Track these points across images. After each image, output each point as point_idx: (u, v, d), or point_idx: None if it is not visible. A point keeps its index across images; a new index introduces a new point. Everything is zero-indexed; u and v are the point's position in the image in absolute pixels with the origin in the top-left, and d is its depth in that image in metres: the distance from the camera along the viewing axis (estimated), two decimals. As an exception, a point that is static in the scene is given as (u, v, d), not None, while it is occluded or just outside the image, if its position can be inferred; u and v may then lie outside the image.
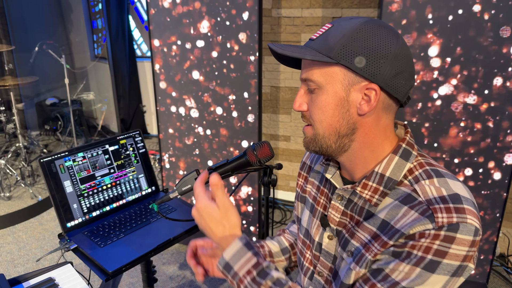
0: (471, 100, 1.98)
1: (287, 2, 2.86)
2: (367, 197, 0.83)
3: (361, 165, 0.86)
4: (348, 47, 0.76)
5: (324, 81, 0.80)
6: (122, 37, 4.49)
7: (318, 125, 0.83)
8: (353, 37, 0.76)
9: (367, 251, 0.80)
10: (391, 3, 1.94)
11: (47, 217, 3.32)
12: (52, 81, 4.75)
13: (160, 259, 2.73)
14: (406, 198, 0.78)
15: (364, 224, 0.83)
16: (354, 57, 0.76)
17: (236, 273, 0.83)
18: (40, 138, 4.76)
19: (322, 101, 0.81)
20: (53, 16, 4.83)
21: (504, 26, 1.83)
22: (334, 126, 0.82)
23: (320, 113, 0.82)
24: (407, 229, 0.73)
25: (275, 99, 3.17)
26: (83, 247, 1.34)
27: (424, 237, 0.71)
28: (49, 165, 1.40)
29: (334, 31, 0.79)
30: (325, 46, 0.78)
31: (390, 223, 0.78)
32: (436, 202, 0.73)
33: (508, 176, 2.03)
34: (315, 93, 0.82)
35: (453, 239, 0.70)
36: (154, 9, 2.42)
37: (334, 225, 0.91)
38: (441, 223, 0.70)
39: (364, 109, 0.79)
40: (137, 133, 1.67)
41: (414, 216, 0.74)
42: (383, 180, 0.82)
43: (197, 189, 0.88)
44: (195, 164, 2.68)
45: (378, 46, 0.76)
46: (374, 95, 0.77)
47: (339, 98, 0.79)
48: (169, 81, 2.54)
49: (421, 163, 0.82)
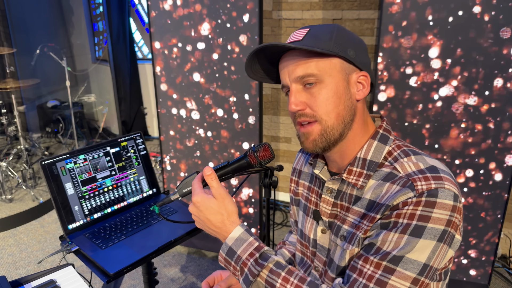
0: (471, 101, 1.98)
1: (287, 4, 2.87)
2: (352, 181, 0.88)
3: (349, 154, 0.90)
4: (340, 41, 0.83)
5: (325, 73, 0.83)
6: (123, 40, 4.50)
7: (326, 117, 0.85)
8: (338, 34, 0.84)
9: (357, 229, 0.84)
10: (392, 5, 1.94)
11: (48, 219, 3.32)
12: (54, 84, 4.76)
13: (162, 261, 2.73)
14: (387, 176, 0.83)
15: (352, 208, 0.87)
16: (346, 49, 0.84)
17: (240, 256, 0.85)
18: (42, 141, 4.77)
19: (328, 93, 0.84)
20: (54, 18, 4.84)
21: (504, 27, 1.83)
22: (342, 114, 0.85)
23: (328, 105, 0.84)
24: (390, 200, 0.78)
25: (275, 101, 3.17)
26: (85, 249, 1.34)
27: (407, 205, 0.75)
28: (50, 167, 1.40)
29: (317, 31, 0.85)
30: (320, 42, 0.83)
31: (376, 201, 0.83)
32: (414, 174, 0.79)
33: (509, 177, 2.03)
34: (315, 87, 0.84)
35: (434, 203, 0.74)
36: (155, 11, 2.42)
37: (326, 217, 0.94)
38: (420, 190, 0.75)
39: (362, 94, 0.86)
40: (138, 135, 1.67)
41: (396, 189, 0.79)
42: (366, 163, 0.87)
43: (194, 185, 0.91)
44: (196, 166, 2.68)
45: (357, 41, 0.87)
46: (367, 80, 0.86)
47: (343, 87, 0.85)
48: (170, 83, 2.55)
49: (398, 145, 0.88)
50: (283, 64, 0.88)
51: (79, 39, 4.97)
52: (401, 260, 0.75)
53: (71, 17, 4.92)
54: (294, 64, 0.85)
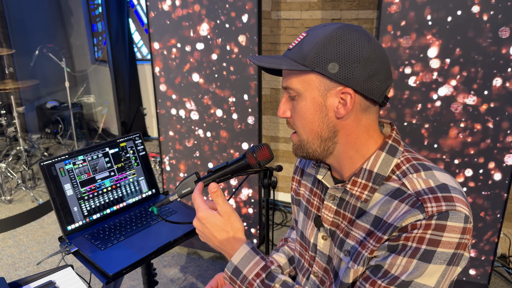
0: (470, 101, 1.98)
1: (286, 4, 2.87)
2: (356, 193, 0.85)
3: (348, 165, 0.88)
4: (321, 54, 0.78)
5: (302, 88, 0.82)
6: (122, 40, 4.50)
7: (301, 131, 0.86)
8: (325, 44, 0.78)
9: (363, 248, 0.82)
10: (390, 5, 1.94)
11: (48, 220, 3.32)
12: (53, 85, 4.76)
13: (161, 262, 2.73)
14: (395, 192, 0.80)
15: (357, 222, 0.85)
16: (327, 64, 0.78)
17: (246, 276, 0.84)
18: (41, 142, 4.76)
19: (302, 108, 0.84)
20: (53, 19, 4.84)
21: (503, 27, 1.83)
22: (316, 130, 0.84)
23: (302, 119, 0.85)
24: (399, 221, 0.75)
25: (275, 101, 3.17)
26: (84, 250, 1.34)
27: (416, 228, 0.73)
28: (49, 168, 1.40)
29: (308, 39, 0.82)
30: (300, 54, 0.81)
31: (383, 219, 0.80)
32: (424, 193, 0.76)
33: (509, 176, 2.03)
34: (295, 100, 0.85)
35: (444, 227, 0.71)
36: (154, 12, 2.42)
37: (328, 225, 0.92)
38: (431, 212, 0.72)
39: (341, 113, 0.81)
40: (137, 136, 1.67)
41: (405, 209, 0.76)
42: (372, 176, 0.84)
43: (197, 200, 0.90)
44: (196, 166, 2.68)
45: (349, 51, 0.78)
46: (350, 98, 0.79)
47: (317, 103, 0.82)
48: (169, 83, 2.55)
49: (407, 158, 0.84)
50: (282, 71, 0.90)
51: (78, 40, 4.97)
52: (410, 285, 0.73)
53: (70, 18, 4.92)
54: (283, 74, 0.87)
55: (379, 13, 2.01)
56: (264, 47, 3.02)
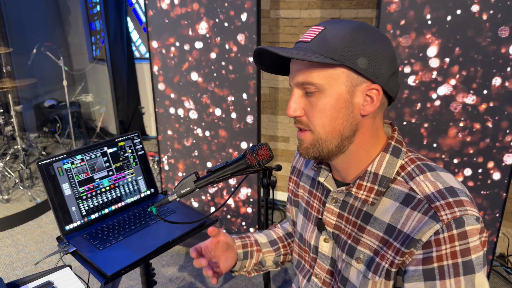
0: (470, 100, 1.97)
1: (285, 3, 2.86)
2: (363, 197, 0.84)
3: (355, 166, 0.86)
4: (351, 48, 0.76)
5: (327, 83, 0.78)
6: (121, 39, 4.48)
7: (320, 129, 0.81)
8: (353, 38, 0.76)
9: (382, 259, 0.80)
10: (390, 4, 1.93)
11: (46, 220, 3.30)
12: (51, 83, 4.74)
13: (160, 261, 2.72)
14: (406, 198, 0.79)
15: (368, 229, 0.83)
16: (357, 58, 0.76)
17: None
18: (39, 140, 4.75)
19: (325, 104, 0.79)
20: (51, 18, 4.82)
21: (503, 26, 1.83)
22: (338, 129, 0.80)
23: (323, 117, 0.80)
24: (416, 233, 0.74)
25: (274, 100, 3.17)
26: (82, 250, 1.33)
27: (441, 244, 0.72)
28: (47, 167, 1.39)
29: (331, 32, 0.78)
30: (327, 47, 0.76)
31: (397, 227, 0.78)
32: (435, 198, 0.75)
33: (508, 176, 2.03)
34: (314, 97, 0.80)
35: (465, 233, 0.71)
36: (153, 10, 2.41)
37: (331, 228, 0.91)
38: (446, 220, 0.72)
39: (368, 110, 0.79)
40: (136, 135, 1.66)
41: (418, 217, 0.75)
42: (377, 178, 0.82)
43: None
44: (194, 166, 2.67)
45: (376, 48, 0.77)
46: (377, 95, 0.79)
47: (344, 100, 0.78)
48: (168, 82, 2.54)
49: (411, 159, 0.84)
50: (291, 66, 0.83)
51: (76, 38, 4.95)
52: None
53: (68, 16, 4.90)
54: (296, 69, 0.81)
55: (378, 12, 2.01)
56: (263, 46, 3.01)
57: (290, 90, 3.09)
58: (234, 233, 2.77)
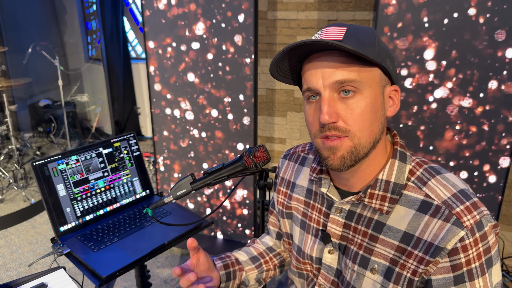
0: (466, 103, 1.98)
1: (282, 4, 2.86)
2: (376, 206, 0.81)
3: (368, 174, 0.83)
4: (380, 48, 0.75)
5: (366, 83, 0.74)
6: (117, 39, 4.47)
7: (359, 133, 0.75)
8: (378, 39, 0.76)
9: (402, 268, 0.78)
10: (387, 6, 1.94)
11: (40, 220, 3.28)
12: (46, 83, 4.71)
13: (155, 263, 2.71)
14: (422, 206, 0.78)
15: (382, 238, 0.81)
16: (385, 59, 0.75)
17: None
18: (33, 140, 4.71)
19: (367, 106, 0.74)
20: (46, 17, 4.79)
21: (499, 30, 1.84)
22: (375, 132, 0.77)
23: (363, 120, 0.74)
24: (441, 242, 0.74)
25: (270, 102, 3.16)
26: (76, 251, 1.32)
27: (468, 250, 0.73)
28: (42, 168, 1.38)
29: (358, 32, 0.74)
30: (365, 47, 0.72)
31: (415, 235, 0.77)
32: (454, 204, 0.75)
33: (503, 179, 2.04)
34: (353, 98, 0.74)
35: (485, 234, 0.74)
36: (149, 10, 2.40)
37: (337, 239, 0.88)
38: (470, 226, 0.73)
39: (392, 111, 0.80)
40: (131, 136, 1.65)
41: (439, 224, 0.75)
42: (389, 186, 0.80)
43: None
44: (190, 167, 2.66)
45: (390, 51, 0.79)
46: (398, 95, 0.80)
47: (380, 101, 0.76)
48: (164, 83, 2.53)
49: (418, 163, 0.83)
50: (315, 65, 0.75)
51: (72, 38, 4.92)
52: None
53: (64, 16, 4.88)
54: (331, 67, 0.73)
55: (375, 15, 2.01)
56: (260, 47, 3.01)
57: (286, 92, 3.08)
58: (230, 234, 2.76)
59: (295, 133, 3.17)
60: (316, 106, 0.77)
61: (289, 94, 3.07)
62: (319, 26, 2.81)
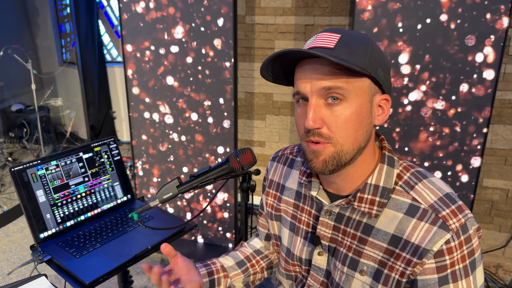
0: (439, 106, 2.05)
1: (260, 9, 2.89)
2: (365, 210, 0.83)
3: (355, 179, 0.85)
4: (373, 58, 0.76)
5: (353, 92, 0.75)
6: (92, 42, 4.39)
7: (343, 140, 0.77)
8: (372, 48, 0.77)
9: (391, 270, 0.81)
10: (363, 12, 1.99)
11: (13, 229, 3.18)
12: (18, 87, 4.58)
13: (134, 269, 2.67)
14: (410, 209, 0.80)
15: (370, 241, 0.83)
16: (377, 69, 0.77)
17: None
18: (5, 146, 4.57)
19: (351, 114, 0.76)
20: (18, 19, 4.66)
21: (469, 35, 1.92)
22: (359, 140, 0.78)
23: (347, 128, 0.76)
24: (428, 244, 0.76)
25: (249, 105, 3.18)
26: (58, 258, 1.30)
27: (453, 252, 0.76)
28: (20, 174, 1.35)
29: (351, 40, 0.75)
30: (355, 56, 0.74)
31: (403, 238, 0.79)
32: (440, 207, 0.78)
33: (475, 178, 2.12)
34: (339, 105, 0.75)
35: (469, 237, 0.77)
36: (127, 14, 2.38)
37: (326, 241, 0.90)
38: (455, 229, 0.76)
39: (381, 120, 0.82)
40: (112, 140, 1.63)
41: (426, 227, 0.77)
42: (378, 190, 0.82)
43: None
44: (170, 171, 2.64)
45: (385, 59, 0.80)
46: (387, 105, 0.81)
47: (366, 110, 0.78)
48: (142, 86, 2.51)
49: (405, 167, 0.85)
50: (305, 71, 0.77)
51: (45, 41, 4.81)
52: None
53: (36, 18, 4.76)
54: (320, 74, 0.75)
55: (352, 20, 2.06)
56: (239, 51, 3.03)
57: (265, 95, 3.11)
58: (211, 238, 2.76)
59: (274, 136, 3.20)
60: (304, 110, 0.79)
61: (267, 98, 3.10)
62: (297, 30, 2.85)
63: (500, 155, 2.59)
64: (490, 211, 2.71)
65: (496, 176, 2.63)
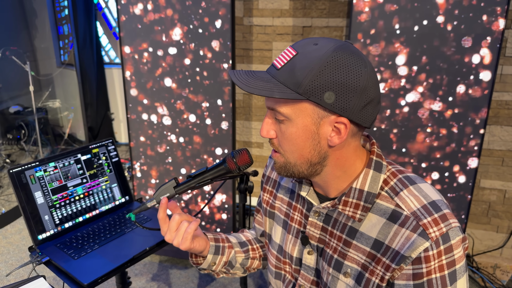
0: (436, 107, 2.06)
1: (258, 11, 2.90)
2: (349, 214, 0.84)
3: (335, 184, 0.87)
4: (317, 82, 0.73)
5: (293, 114, 0.78)
6: (90, 44, 4.40)
7: (289, 154, 0.83)
8: (321, 71, 0.73)
9: (372, 274, 0.82)
10: (360, 13, 2.00)
11: (11, 230, 3.18)
12: (16, 89, 4.58)
13: (132, 270, 2.67)
14: (392, 215, 0.81)
15: (354, 244, 0.84)
16: (323, 93, 0.73)
17: None
18: (3, 148, 4.57)
19: (293, 134, 0.79)
20: (16, 21, 4.66)
21: (466, 37, 1.93)
22: (306, 156, 0.81)
23: (291, 145, 0.81)
24: (406, 251, 0.77)
25: (248, 106, 3.19)
26: (56, 259, 1.30)
27: (431, 260, 0.75)
28: (19, 175, 1.35)
29: (300, 62, 0.74)
30: (293, 80, 0.74)
31: (385, 243, 0.80)
32: (422, 215, 0.78)
33: (472, 179, 2.13)
34: (284, 124, 0.80)
35: (451, 247, 0.75)
36: (125, 15, 2.39)
37: (315, 241, 0.91)
38: (435, 238, 0.75)
39: (335, 141, 0.79)
40: (110, 142, 1.64)
41: (406, 234, 0.78)
42: (363, 195, 0.83)
43: None
44: (168, 172, 2.65)
45: (347, 80, 0.73)
46: (344, 128, 0.77)
47: (310, 131, 0.78)
48: (140, 88, 2.51)
49: (393, 172, 0.85)
50: None
51: (43, 42, 4.81)
52: None
53: (34, 20, 4.76)
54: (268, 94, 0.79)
55: (349, 21, 2.07)
56: (237, 53, 3.04)
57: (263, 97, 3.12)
58: (209, 239, 2.75)
59: (272, 137, 3.21)
60: None
61: (265, 99, 3.11)
62: (294, 32, 2.86)
63: (497, 156, 2.61)
64: (488, 211, 2.72)
65: (493, 177, 2.65)
